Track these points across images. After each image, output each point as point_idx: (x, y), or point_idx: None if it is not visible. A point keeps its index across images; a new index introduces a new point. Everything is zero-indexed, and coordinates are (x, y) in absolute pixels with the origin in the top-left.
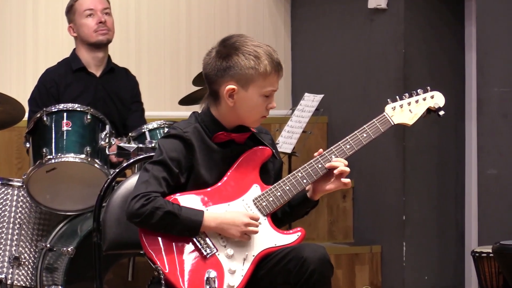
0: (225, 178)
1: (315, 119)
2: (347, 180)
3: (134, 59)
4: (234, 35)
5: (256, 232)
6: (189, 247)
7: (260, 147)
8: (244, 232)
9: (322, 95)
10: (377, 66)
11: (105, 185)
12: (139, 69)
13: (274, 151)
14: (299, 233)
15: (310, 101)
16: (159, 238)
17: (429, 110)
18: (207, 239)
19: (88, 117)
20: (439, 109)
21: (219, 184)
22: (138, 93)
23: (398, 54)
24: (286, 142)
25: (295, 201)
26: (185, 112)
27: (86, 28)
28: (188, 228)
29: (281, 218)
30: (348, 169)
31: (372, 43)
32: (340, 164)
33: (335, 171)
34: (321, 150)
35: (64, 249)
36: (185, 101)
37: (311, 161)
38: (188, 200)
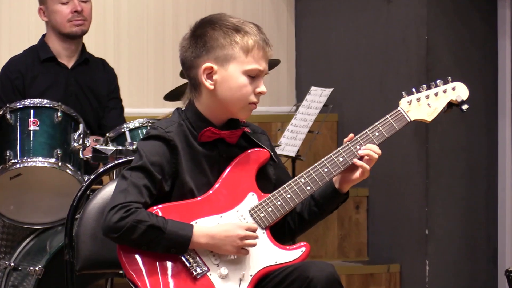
0: (216, 186)
1: (323, 117)
2: (366, 166)
3: (112, 48)
4: (213, 14)
5: (254, 245)
6: (176, 266)
7: (256, 149)
8: (240, 247)
9: (331, 89)
10: (396, 55)
11: (79, 194)
12: (117, 60)
13: (272, 153)
14: (304, 249)
15: (318, 96)
16: (141, 257)
17: (450, 104)
18: (197, 257)
19: (59, 114)
20: (462, 102)
21: (210, 192)
22: (117, 88)
23: (420, 41)
24: (289, 143)
25: (323, 197)
26: (172, 109)
27: (59, 16)
28: (175, 244)
29: (308, 220)
30: (376, 156)
31: (390, 28)
32: (369, 151)
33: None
34: (351, 135)
35: (31, 268)
36: (172, 96)
37: (316, 164)
38: (173, 212)
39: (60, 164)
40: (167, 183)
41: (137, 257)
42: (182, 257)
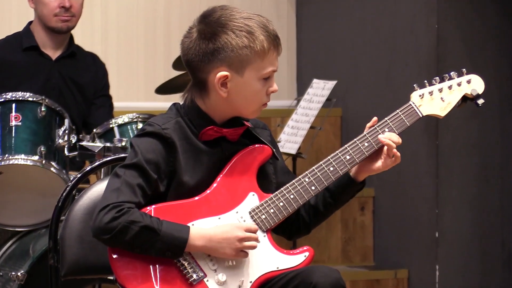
0: (214, 185)
1: (326, 112)
2: (397, 154)
3: (99, 37)
4: (215, 8)
5: (254, 247)
6: (171, 271)
7: (257, 145)
8: (239, 249)
9: (334, 82)
10: (404, 46)
11: (64, 194)
12: (105, 50)
13: (274, 150)
14: (307, 254)
15: (320, 89)
16: (134, 261)
17: (465, 98)
18: (194, 262)
19: (43, 109)
20: (478, 96)
21: (207, 192)
22: (107, 85)
23: (429, 30)
24: (289, 140)
25: (338, 187)
26: (164, 103)
27: (46, 9)
28: (170, 247)
29: (323, 212)
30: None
31: (398, 16)
32: (390, 139)
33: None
34: (376, 118)
35: (13, 273)
36: (164, 89)
37: (321, 163)
38: (168, 213)
39: (44, 162)
40: (163, 183)
41: (130, 261)
42: (178, 262)
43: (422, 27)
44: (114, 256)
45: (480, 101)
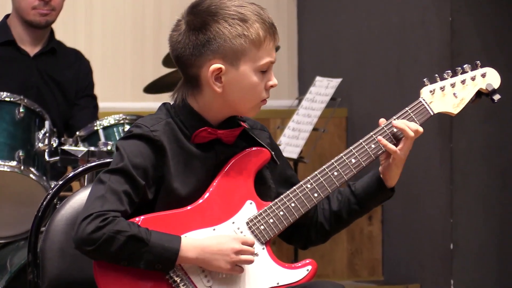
0: (208, 193)
1: (330, 112)
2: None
3: (82, 33)
4: None
5: (251, 262)
6: (161, 286)
7: (254, 148)
8: (235, 263)
9: (339, 79)
10: (415, 40)
11: (44, 203)
12: (89, 46)
13: (273, 153)
14: (309, 267)
15: (324, 88)
16: (121, 275)
17: (479, 94)
18: (186, 276)
19: (21, 110)
20: (494, 92)
21: (201, 201)
22: (91, 84)
23: (443, 23)
24: (290, 143)
25: (366, 194)
26: (153, 103)
27: (23, 1)
28: (160, 259)
29: (346, 220)
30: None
31: (408, 8)
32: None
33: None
34: (382, 120)
35: None
36: (153, 88)
37: (324, 167)
38: (159, 224)
39: (22, 167)
40: (151, 190)
41: (116, 275)
42: (168, 275)
43: (435, 19)
44: (99, 270)
45: (496, 97)
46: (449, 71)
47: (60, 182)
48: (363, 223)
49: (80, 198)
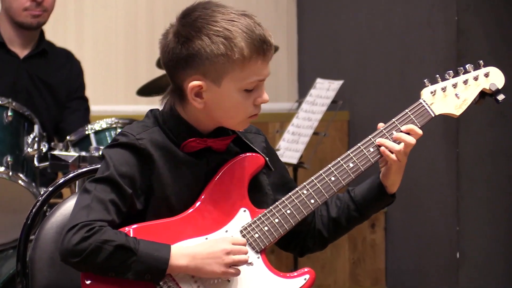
0: (200, 201)
1: (332, 116)
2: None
3: (73, 33)
4: (198, 4)
5: (244, 261)
6: None
7: (248, 154)
8: (228, 264)
9: (341, 81)
10: (420, 41)
11: (34, 210)
12: (80, 47)
13: (267, 159)
14: (307, 276)
15: (324, 90)
16: (109, 286)
17: (483, 94)
18: (177, 286)
19: (9, 113)
20: (498, 92)
21: (192, 210)
22: (82, 86)
23: (449, 22)
24: (290, 148)
25: (366, 200)
26: (147, 107)
27: (15, 2)
28: (149, 269)
29: (345, 227)
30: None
31: (412, 7)
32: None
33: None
34: (381, 124)
35: None
36: (147, 90)
37: (321, 172)
38: (149, 234)
39: (10, 173)
40: (140, 200)
41: (105, 287)
42: (159, 287)
43: (440, 18)
44: (87, 283)
45: (500, 97)
46: (451, 71)
47: (50, 189)
48: (366, 231)
49: (71, 205)
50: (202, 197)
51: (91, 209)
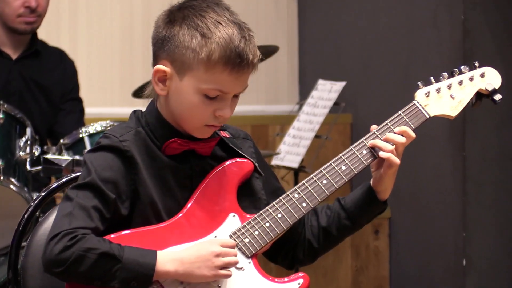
0: (187, 207)
1: (334, 118)
2: (396, 161)
3: (66, 34)
4: None
5: (235, 263)
6: None
7: (238, 159)
8: (218, 267)
9: (343, 83)
10: (425, 42)
11: (26, 216)
12: (74, 48)
13: (256, 164)
14: (301, 281)
15: (327, 92)
16: None
17: (479, 95)
18: None
19: (1, 116)
20: (494, 92)
21: (180, 215)
22: (76, 86)
23: (455, 22)
24: (291, 152)
25: (356, 207)
26: (143, 109)
27: (8, 8)
28: (135, 276)
29: (336, 236)
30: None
31: (417, 6)
32: (387, 146)
33: (381, 155)
34: (374, 126)
35: None
36: (143, 92)
37: (312, 175)
38: (134, 240)
39: (2, 178)
40: (124, 205)
41: None
42: None
43: (446, 18)
44: None
45: (497, 97)
46: (445, 73)
47: (43, 194)
48: (369, 238)
49: None
50: (190, 203)
51: (73, 217)
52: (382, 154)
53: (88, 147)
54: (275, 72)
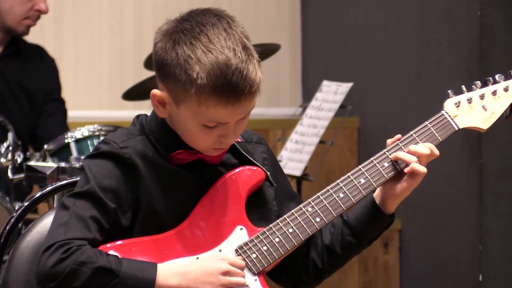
0: (191, 218)
1: (340, 122)
2: (422, 169)
3: (52, 32)
4: (207, 10)
5: (242, 284)
6: None
7: (247, 167)
8: (224, 286)
9: (350, 84)
10: (438, 40)
11: (7, 228)
12: (59, 47)
13: (268, 173)
14: None
15: (332, 94)
16: None
17: None
18: None
19: None
20: None
21: (183, 226)
22: (58, 86)
23: (470, 19)
24: (293, 159)
25: (360, 222)
26: (133, 112)
27: (18, 8)
28: None
29: (341, 255)
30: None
31: (430, 1)
32: (411, 158)
33: (406, 170)
34: (399, 136)
35: None
36: (133, 94)
37: (328, 188)
38: (133, 252)
39: None
40: (125, 216)
41: None
42: None
43: (461, 14)
44: None
45: None
46: (478, 81)
47: (26, 204)
48: (378, 251)
49: (48, 222)
50: (194, 213)
51: (69, 227)
52: (410, 168)
53: (75, 153)
54: (277, 73)
